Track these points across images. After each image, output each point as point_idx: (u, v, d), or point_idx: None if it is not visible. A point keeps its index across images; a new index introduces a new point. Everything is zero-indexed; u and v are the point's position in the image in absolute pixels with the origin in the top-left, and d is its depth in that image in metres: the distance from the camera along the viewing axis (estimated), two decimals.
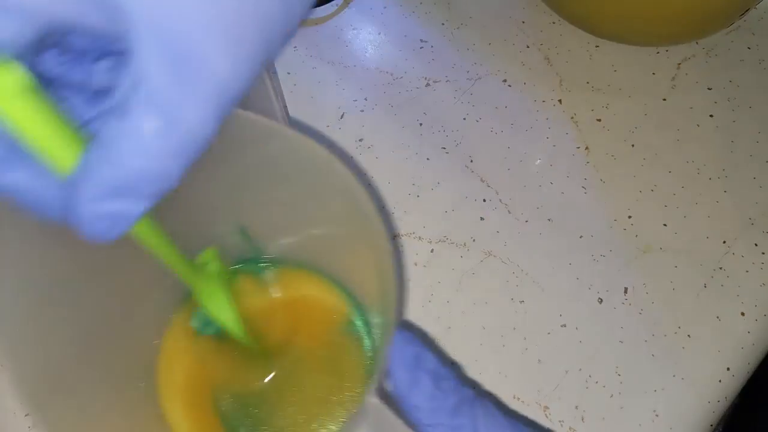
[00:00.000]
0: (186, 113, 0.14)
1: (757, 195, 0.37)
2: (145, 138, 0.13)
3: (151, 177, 0.14)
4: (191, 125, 0.14)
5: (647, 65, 0.43)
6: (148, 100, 0.13)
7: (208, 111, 0.14)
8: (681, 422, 0.31)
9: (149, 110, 0.13)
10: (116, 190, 0.14)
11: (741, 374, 0.32)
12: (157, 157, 0.14)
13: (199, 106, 0.14)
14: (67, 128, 0.14)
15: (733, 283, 0.34)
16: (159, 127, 0.13)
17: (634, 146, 0.39)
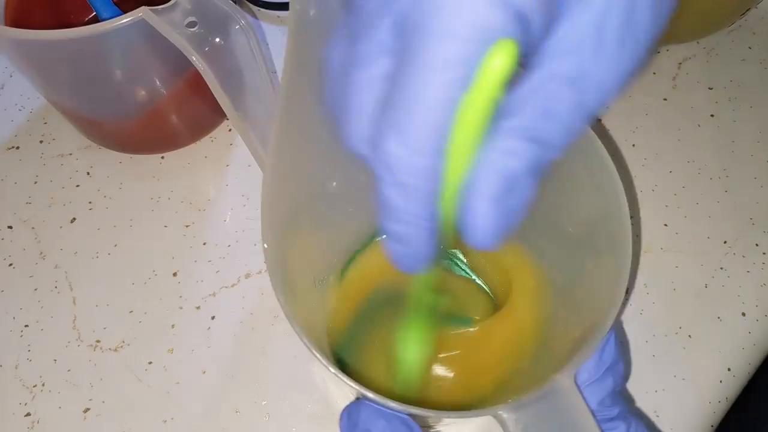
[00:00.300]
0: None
1: (758, 195, 0.37)
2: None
3: (541, 166, 0.14)
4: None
5: (648, 65, 0.43)
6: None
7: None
8: (682, 423, 0.31)
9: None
10: (511, 183, 0.14)
11: (742, 375, 0.32)
12: (552, 145, 0.14)
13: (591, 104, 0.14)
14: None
15: (734, 284, 0.34)
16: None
17: (635, 146, 0.39)
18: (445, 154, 0.14)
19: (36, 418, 0.31)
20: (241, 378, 0.32)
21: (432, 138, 0.14)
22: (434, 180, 0.14)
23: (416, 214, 0.15)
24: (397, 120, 0.14)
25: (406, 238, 0.16)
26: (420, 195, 0.15)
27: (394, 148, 0.14)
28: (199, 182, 0.38)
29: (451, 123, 0.14)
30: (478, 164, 0.14)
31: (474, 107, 0.13)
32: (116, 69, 0.32)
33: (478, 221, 0.14)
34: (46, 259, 0.36)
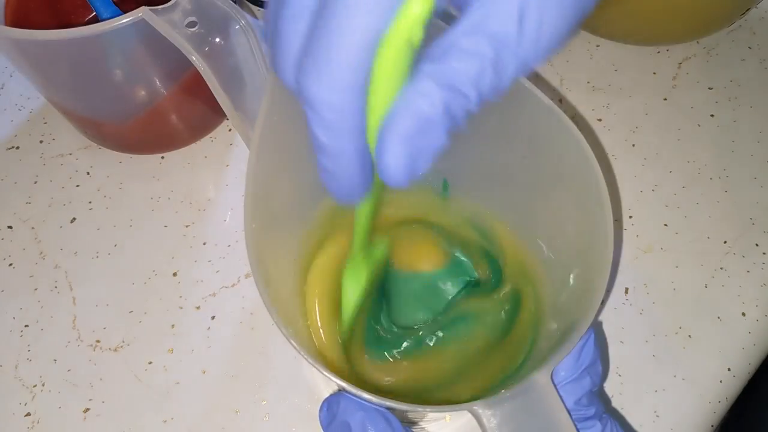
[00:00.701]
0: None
1: (758, 195, 0.37)
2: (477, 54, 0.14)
3: (453, 113, 0.15)
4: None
5: (648, 65, 0.43)
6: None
7: (516, 68, 0.14)
8: (682, 423, 0.31)
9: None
10: (422, 125, 0.15)
11: (742, 374, 0.32)
12: (464, 94, 0.14)
13: (512, 63, 0.14)
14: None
15: (734, 284, 0.34)
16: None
17: (635, 146, 0.39)
18: (365, 92, 0.15)
19: (36, 418, 0.31)
20: (241, 378, 0.32)
21: (350, 76, 0.14)
22: (355, 116, 0.15)
23: (341, 147, 0.16)
24: (318, 58, 0.14)
25: (334, 171, 0.16)
26: (342, 130, 0.15)
27: (314, 87, 0.14)
28: (199, 182, 0.38)
29: (370, 63, 0.14)
30: (395, 104, 0.15)
31: (391, 49, 0.14)
32: (116, 69, 0.32)
33: (388, 157, 0.15)
34: (46, 259, 0.36)
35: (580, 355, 0.22)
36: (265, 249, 0.23)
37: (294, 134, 0.25)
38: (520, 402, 0.20)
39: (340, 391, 0.22)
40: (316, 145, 0.16)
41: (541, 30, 0.14)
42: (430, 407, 0.20)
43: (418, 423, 0.28)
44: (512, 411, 0.19)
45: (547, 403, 0.20)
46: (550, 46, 0.14)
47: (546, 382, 0.20)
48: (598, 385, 0.23)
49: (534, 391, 0.20)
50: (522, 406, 0.20)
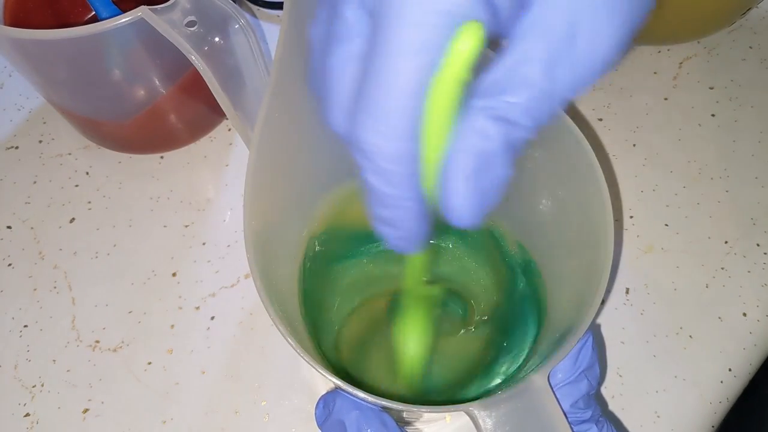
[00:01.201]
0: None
1: (759, 195, 0.37)
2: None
3: (512, 145, 0.14)
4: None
5: (649, 64, 0.42)
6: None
7: (567, 94, 0.14)
8: (682, 423, 0.31)
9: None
10: (484, 162, 0.14)
11: (743, 375, 0.32)
12: (520, 125, 0.14)
13: (563, 90, 0.14)
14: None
15: (735, 284, 0.34)
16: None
17: (636, 146, 0.39)
18: (420, 137, 0.14)
19: (35, 419, 0.31)
20: (240, 378, 0.32)
21: (404, 123, 0.14)
22: (413, 163, 0.15)
23: (400, 197, 0.15)
24: (369, 107, 0.14)
25: (394, 221, 0.16)
26: (400, 179, 0.15)
27: (369, 136, 0.14)
28: (198, 182, 0.38)
29: (423, 106, 0.14)
30: (452, 145, 0.14)
31: (443, 90, 0.14)
32: (115, 68, 0.32)
33: (454, 200, 0.15)
34: (45, 259, 0.36)
35: (577, 358, 0.22)
36: (264, 248, 0.23)
37: (294, 134, 0.25)
38: (516, 403, 0.20)
39: (336, 389, 0.22)
40: (372, 195, 0.15)
41: (594, 49, 0.14)
42: (426, 407, 0.20)
43: (414, 424, 0.28)
44: (508, 412, 0.19)
45: (543, 405, 0.20)
46: (604, 64, 0.14)
47: (543, 384, 0.20)
48: (595, 388, 0.23)
49: (530, 393, 0.20)
50: (518, 407, 0.20)
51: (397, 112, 0.14)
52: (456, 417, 0.30)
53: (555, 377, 0.22)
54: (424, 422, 0.29)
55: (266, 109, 0.23)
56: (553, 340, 0.23)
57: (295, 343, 0.20)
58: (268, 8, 0.44)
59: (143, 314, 0.34)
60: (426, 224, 0.16)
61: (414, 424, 0.28)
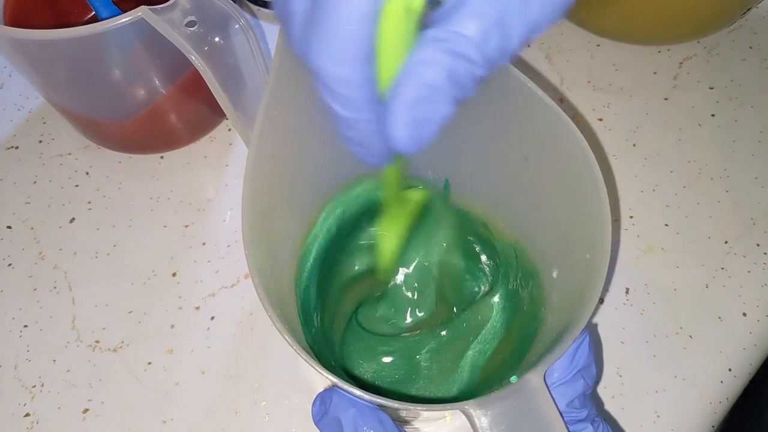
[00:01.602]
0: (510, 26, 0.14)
1: (759, 195, 0.37)
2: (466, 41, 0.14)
3: (458, 80, 0.14)
4: (510, 36, 0.14)
5: (649, 64, 0.42)
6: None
7: (522, 30, 0.14)
8: (682, 423, 0.31)
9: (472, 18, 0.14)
10: (426, 93, 0.14)
11: (743, 375, 0.32)
12: (469, 59, 0.14)
13: (518, 24, 0.14)
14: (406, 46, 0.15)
15: (735, 284, 0.34)
16: (482, 31, 0.14)
17: (636, 146, 0.39)
18: (371, 61, 0.15)
19: (35, 419, 0.31)
20: (240, 378, 0.32)
21: (354, 48, 0.14)
22: (366, 87, 0.15)
23: (359, 118, 0.16)
24: (320, 32, 0.14)
25: (358, 140, 0.16)
26: (356, 102, 0.15)
27: (321, 61, 0.14)
28: (198, 182, 0.38)
29: (372, 33, 0.14)
30: (399, 72, 0.15)
31: (391, 17, 0.14)
32: (115, 68, 0.32)
33: (394, 125, 0.15)
34: (45, 259, 0.36)
35: (574, 357, 0.22)
36: (262, 246, 0.23)
37: (293, 134, 0.25)
38: (512, 402, 0.20)
39: (334, 387, 0.22)
40: (335, 118, 0.16)
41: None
42: (422, 406, 0.20)
43: (412, 423, 0.28)
44: (503, 411, 0.19)
45: (538, 404, 0.20)
46: (558, 7, 0.14)
47: (538, 383, 0.20)
48: (591, 388, 0.23)
49: (526, 392, 0.20)
50: (513, 406, 0.20)
51: (346, 37, 0.14)
52: (456, 417, 0.30)
53: (551, 376, 0.22)
54: (423, 421, 0.29)
55: (265, 108, 0.23)
56: (549, 340, 0.23)
57: (292, 341, 0.20)
58: (268, 8, 0.44)
59: (143, 314, 0.34)
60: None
61: (412, 423, 0.28)
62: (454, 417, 0.30)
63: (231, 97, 0.30)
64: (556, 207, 0.26)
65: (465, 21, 0.14)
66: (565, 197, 0.25)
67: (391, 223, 0.28)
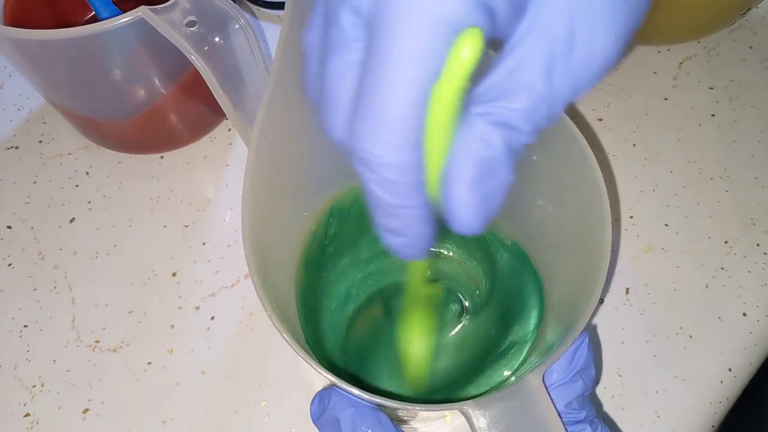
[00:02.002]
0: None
1: (759, 195, 0.37)
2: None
3: (513, 149, 0.14)
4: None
5: (649, 64, 0.42)
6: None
7: (569, 96, 0.14)
8: (682, 423, 0.31)
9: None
10: (489, 168, 0.14)
11: (743, 375, 0.32)
12: (519, 129, 0.14)
13: (564, 93, 0.14)
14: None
15: (735, 284, 0.34)
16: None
17: (636, 146, 0.39)
18: (422, 145, 0.14)
19: (35, 419, 0.31)
20: (240, 378, 0.32)
21: (407, 133, 0.14)
22: (417, 172, 0.14)
23: (405, 206, 0.15)
24: (370, 117, 0.14)
25: (400, 230, 0.16)
26: (405, 188, 0.15)
27: (371, 146, 0.14)
28: (198, 182, 0.38)
29: (424, 116, 0.14)
30: (454, 152, 0.14)
31: (444, 98, 0.13)
32: (115, 68, 0.32)
33: (458, 208, 0.15)
34: (45, 260, 0.36)
35: (573, 358, 0.22)
36: (262, 245, 0.23)
37: (293, 133, 0.25)
38: (511, 403, 0.20)
39: (332, 386, 0.22)
40: (377, 206, 0.15)
41: (592, 53, 0.13)
42: (419, 406, 0.20)
43: (410, 423, 0.28)
44: (502, 411, 0.19)
45: (537, 404, 0.20)
46: (602, 67, 0.14)
47: (537, 384, 0.20)
48: (590, 389, 0.23)
49: (525, 392, 0.20)
50: (512, 406, 0.20)
51: (398, 122, 0.13)
52: (455, 416, 0.30)
53: (550, 377, 0.22)
54: (422, 421, 0.29)
55: (266, 108, 0.23)
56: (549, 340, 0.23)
57: (291, 339, 0.20)
58: (268, 8, 0.44)
59: (143, 314, 0.34)
60: (431, 230, 0.16)
61: (411, 423, 0.28)
62: (453, 417, 0.30)
63: (231, 97, 0.30)
64: (556, 207, 0.26)
65: (515, 95, 0.14)
66: (564, 197, 0.25)
67: (417, 324, 0.27)
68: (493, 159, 0.14)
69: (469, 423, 0.19)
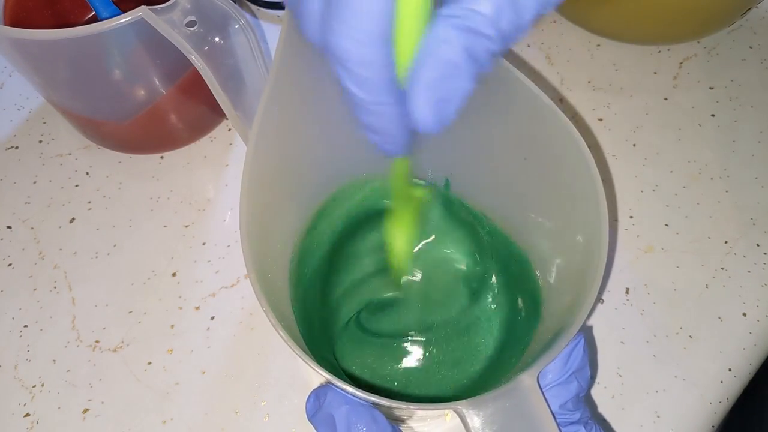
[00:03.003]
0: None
1: (759, 195, 0.37)
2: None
3: (476, 56, 0.14)
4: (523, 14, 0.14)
5: (649, 64, 0.42)
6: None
7: (534, 5, 0.14)
8: (682, 423, 0.31)
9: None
10: (447, 71, 0.15)
11: (743, 375, 0.32)
12: (484, 35, 0.14)
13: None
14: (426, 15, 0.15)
15: (735, 284, 0.34)
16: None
17: (636, 146, 0.39)
18: (391, 41, 0.15)
19: (35, 419, 0.31)
20: (240, 378, 0.32)
21: (375, 27, 0.14)
22: (386, 68, 0.15)
23: (379, 102, 0.15)
24: (341, 12, 0.14)
25: (376, 126, 0.16)
26: (375, 84, 0.15)
27: (341, 42, 0.14)
28: (198, 182, 0.38)
29: (393, 12, 0.14)
30: (419, 51, 0.15)
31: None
32: (115, 68, 0.32)
33: (418, 105, 0.15)
34: (45, 259, 0.36)
35: (568, 359, 0.22)
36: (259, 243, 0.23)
37: (292, 132, 0.25)
38: (505, 403, 0.20)
39: (328, 383, 0.22)
40: (354, 102, 0.16)
41: None
42: (414, 405, 0.20)
43: (407, 422, 0.28)
44: (496, 411, 0.19)
45: (531, 404, 0.20)
46: None
47: (531, 384, 0.20)
48: (585, 391, 0.22)
49: (519, 392, 0.20)
50: (506, 406, 0.20)
51: (367, 16, 0.14)
52: (455, 416, 0.30)
53: (545, 378, 0.22)
54: (418, 420, 0.29)
55: (265, 107, 0.23)
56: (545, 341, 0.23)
57: (286, 335, 0.20)
58: (268, 8, 0.44)
59: (143, 314, 0.34)
60: (408, 125, 0.17)
61: (407, 422, 0.28)
62: (453, 416, 0.30)
63: (231, 97, 0.30)
64: (554, 207, 0.26)
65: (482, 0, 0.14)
66: (563, 198, 0.25)
67: (400, 221, 0.28)
68: (454, 62, 0.15)
69: (464, 423, 0.20)
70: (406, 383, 0.30)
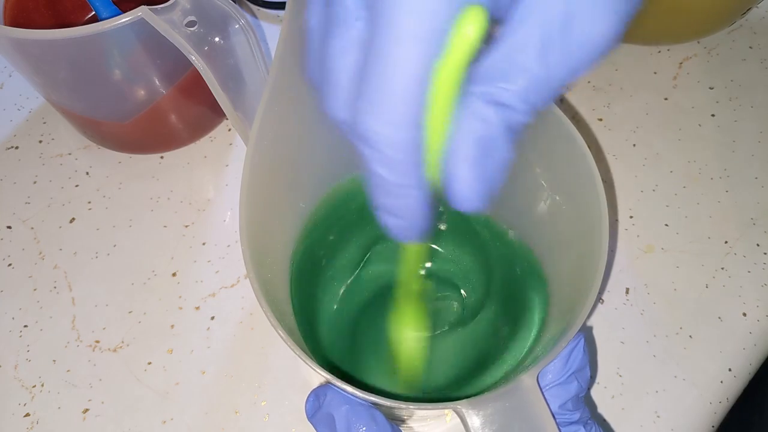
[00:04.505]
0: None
1: (759, 195, 0.37)
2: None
3: (514, 127, 0.15)
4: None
5: (649, 64, 0.42)
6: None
7: (564, 77, 0.14)
8: (682, 423, 0.31)
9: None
10: (487, 146, 0.15)
11: (743, 375, 0.32)
12: (514, 109, 0.14)
13: (560, 74, 0.14)
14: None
15: (735, 284, 0.34)
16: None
17: (636, 146, 0.39)
18: (423, 123, 0.14)
19: (35, 419, 0.31)
20: (240, 378, 0.32)
21: (409, 111, 0.14)
22: (417, 151, 0.15)
23: (405, 185, 0.15)
24: (372, 95, 0.14)
25: (399, 210, 0.16)
26: (406, 167, 0.15)
27: (373, 124, 0.14)
28: (198, 182, 0.38)
29: (426, 94, 0.14)
30: (454, 131, 0.15)
31: (447, 76, 0.13)
32: (115, 68, 0.32)
33: (459, 186, 0.15)
34: (45, 260, 0.36)
35: (568, 359, 0.22)
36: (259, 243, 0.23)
37: (292, 132, 0.25)
38: (505, 403, 0.20)
39: (327, 383, 0.22)
40: (378, 184, 0.15)
41: (588, 37, 0.14)
42: (414, 404, 0.20)
43: (407, 422, 0.28)
44: (496, 411, 0.19)
45: (531, 405, 0.20)
46: (598, 52, 0.14)
47: (531, 384, 0.20)
48: (585, 391, 0.22)
49: (519, 393, 0.20)
50: (506, 407, 0.20)
51: (401, 100, 0.13)
52: (455, 416, 0.30)
53: (545, 378, 0.22)
54: (418, 420, 0.29)
55: (265, 107, 0.23)
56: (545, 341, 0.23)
57: (285, 335, 0.20)
58: (268, 8, 0.44)
59: (143, 314, 0.34)
60: (429, 212, 0.16)
61: (407, 422, 0.28)
62: (453, 416, 0.30)
63: (231, 97, 0.30)
64: (554, 208, 0.26)
65: (512, 76, 0.14)
66: (562, 198, 0.25)
67: (408, 315, 0.27)
68: (492, 137, 0.15)
69: (463, 422, 0.20)
70: (406, 383, 0.30)
